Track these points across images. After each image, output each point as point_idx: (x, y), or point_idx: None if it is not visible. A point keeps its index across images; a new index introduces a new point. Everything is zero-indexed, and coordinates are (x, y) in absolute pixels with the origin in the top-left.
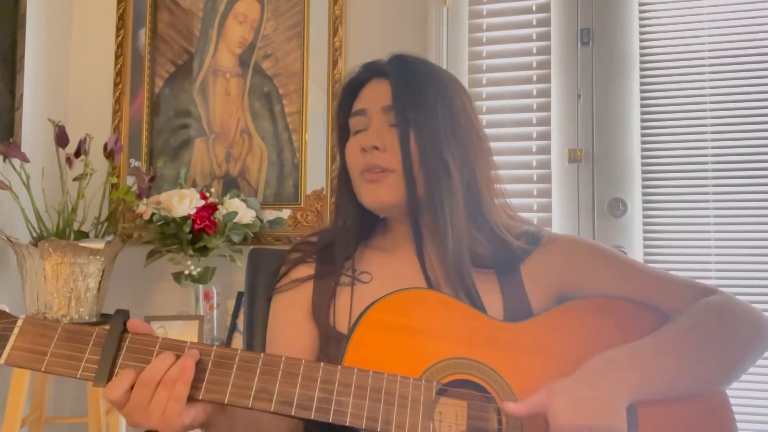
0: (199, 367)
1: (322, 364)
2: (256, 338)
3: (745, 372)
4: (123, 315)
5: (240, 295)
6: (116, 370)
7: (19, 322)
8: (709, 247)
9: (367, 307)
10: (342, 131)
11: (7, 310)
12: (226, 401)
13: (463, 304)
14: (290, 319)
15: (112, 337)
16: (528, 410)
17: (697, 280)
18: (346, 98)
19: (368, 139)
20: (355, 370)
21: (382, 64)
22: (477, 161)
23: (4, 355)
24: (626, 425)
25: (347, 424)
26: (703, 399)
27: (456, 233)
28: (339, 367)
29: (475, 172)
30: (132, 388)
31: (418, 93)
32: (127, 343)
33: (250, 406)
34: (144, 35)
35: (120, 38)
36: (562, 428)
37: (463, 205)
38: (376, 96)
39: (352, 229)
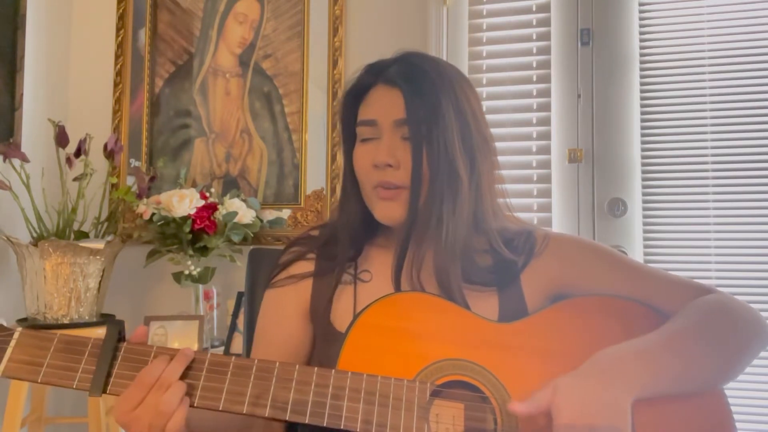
0: (194, 374)
1: (316, 368)
2: None
3: (743, 370)
4: (117, 325)
5: (240, 295)
6: (111, 380)
7: (16, 335)
8: (709, 247)
9: (361, 311)
10: (348, 137)
11: (4, 323)
12: (221, 408)
13: (455, 305)
14: (285, 314)
15: (107, 348)
16: (533, 409)
17: (695, 280)
18: (350, 103)
19: (381, 155)
20: (349, 373)
21: (388, 69)
22: (483, 165)
23: (1, 367)
24: (630, 425)
25: (342, 427)
26: (701, 398)
27: (450, 244)
28: (333, 370)
29: (481, 177)
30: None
31: (430, 103)
32: (122, 352)
33: (245, 412)
34: (144, 35)
35: (120, 38)
36: (566, 427)
37: (467, 213)
38: (387, 107)
39: (358, 230)
